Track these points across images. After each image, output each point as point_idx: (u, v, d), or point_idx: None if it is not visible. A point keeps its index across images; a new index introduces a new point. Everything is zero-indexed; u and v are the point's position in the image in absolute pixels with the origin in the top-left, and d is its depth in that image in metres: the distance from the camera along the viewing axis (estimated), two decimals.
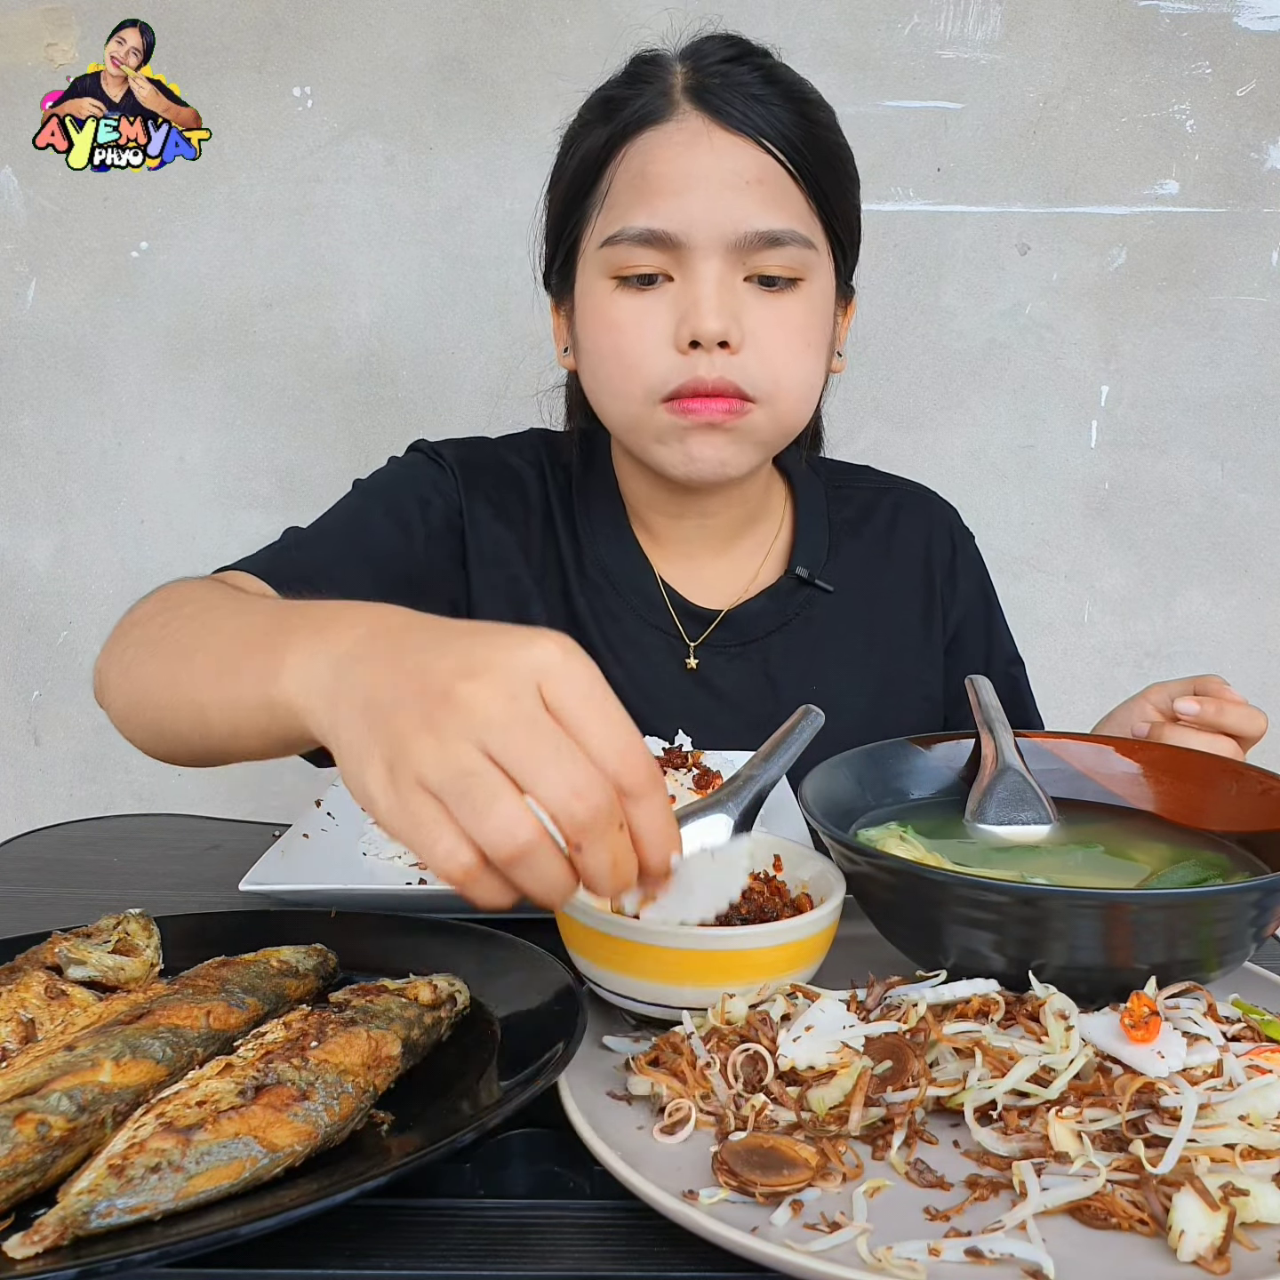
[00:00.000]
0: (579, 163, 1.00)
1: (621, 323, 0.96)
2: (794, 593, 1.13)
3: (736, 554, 1.14)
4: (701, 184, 0.92)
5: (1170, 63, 1.61)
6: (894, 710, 1.13)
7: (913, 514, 1.21)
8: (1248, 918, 0.60)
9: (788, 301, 0.96)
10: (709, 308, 0.92)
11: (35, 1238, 0.45)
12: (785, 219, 0.94)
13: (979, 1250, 0.45)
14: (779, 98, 0.95)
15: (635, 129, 0.95)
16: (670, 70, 0.97)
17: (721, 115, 0.93)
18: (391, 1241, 0.49)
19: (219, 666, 0.67)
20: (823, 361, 1.02)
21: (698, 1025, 0.59)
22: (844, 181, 1.01)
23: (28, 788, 1.83)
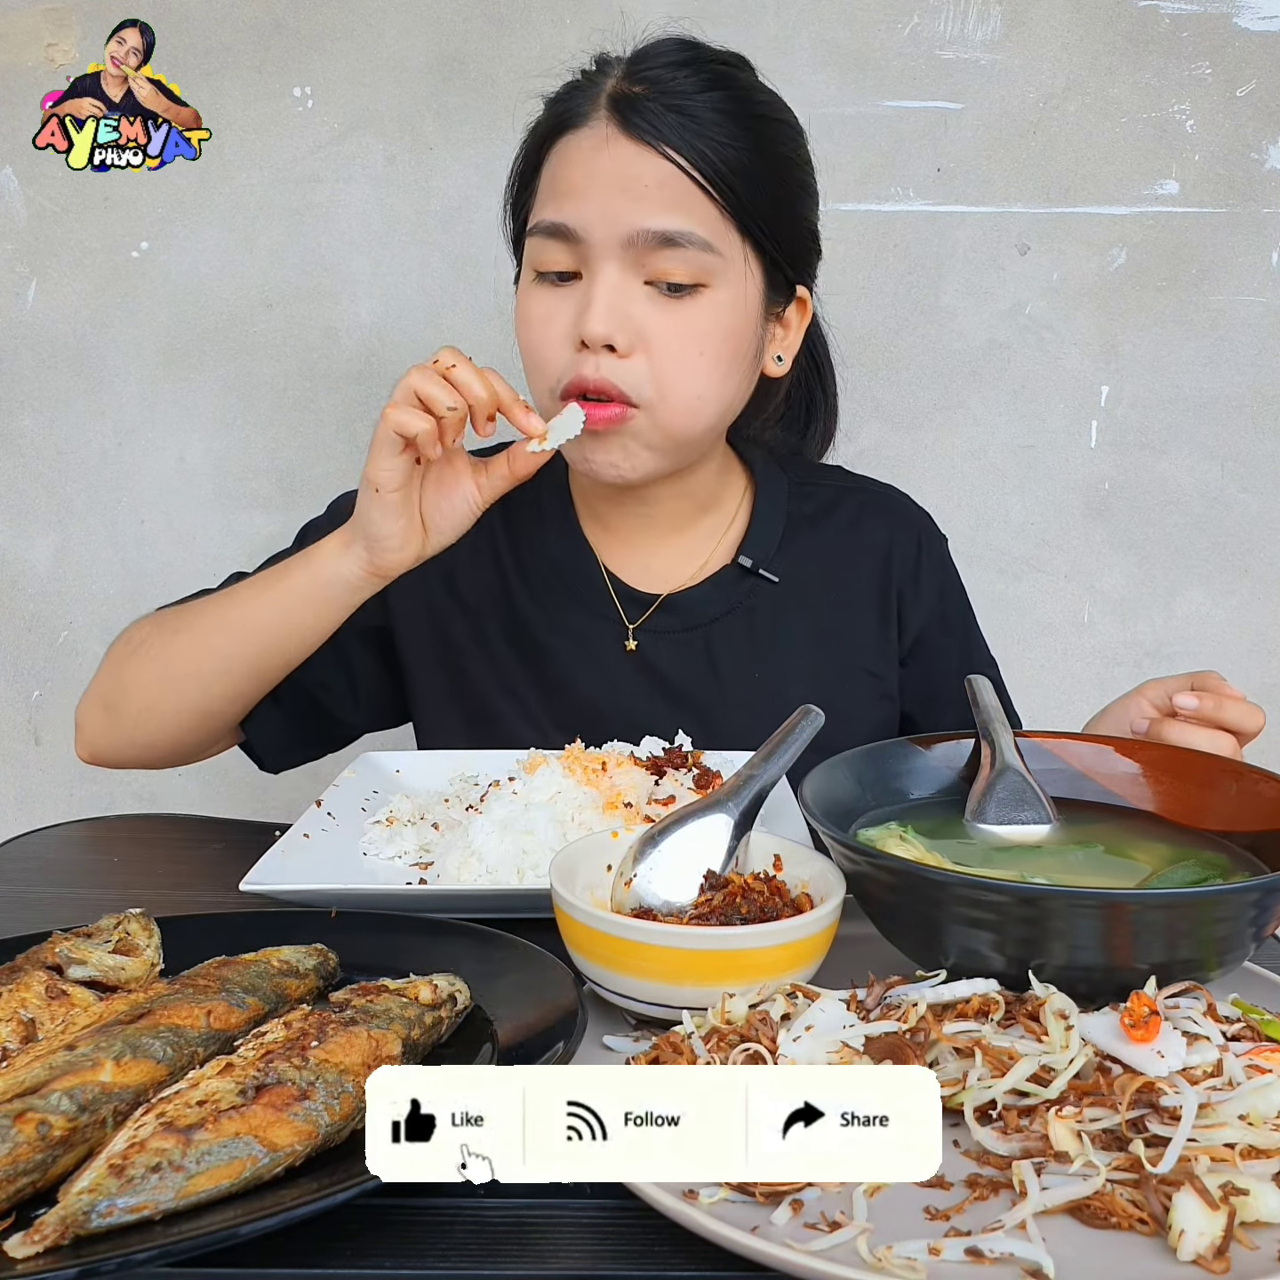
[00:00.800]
0: (524, 155, 1.06)
1: (532, 317, 1.01)
2: (738, 581, 1.15)
3: (684, 542, 1.16)
4: (601, 186, 0.96)
5: (1170, 63, 1.61)
6: (845, 703, 1.10)
7: (877, 514, 1.21)
8: (1247, 918, 0.60)
9: (686, 308, 0.98)
10: (596, 310, 0.95)
11: (36, 1237, 0.45)
12: (682, 221, 0.96)
13: (979, 1250, 0.45)
14: (707, 107, 0.97)
15: (560, 131, 1.00)
16: (608, 75, 1.00)
17: (628, 125, 0.96)
18: (391, 1241, 0.49)
19: (259, 588, 1.02)
20: (725, 369, 1.01)
21: (698, 1025, 0.59)
22: (781, 192, 1.02)
23: (28, 788, 1.83)
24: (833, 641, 1.16)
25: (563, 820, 0.85)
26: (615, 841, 0.72)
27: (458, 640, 1.14)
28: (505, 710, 1.13)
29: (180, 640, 1.04)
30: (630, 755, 0.96)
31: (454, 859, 0.83)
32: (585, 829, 0.84)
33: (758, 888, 0.66)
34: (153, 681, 1.05)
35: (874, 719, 1.17)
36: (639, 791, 0.90)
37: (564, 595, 1.14)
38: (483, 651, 1.14)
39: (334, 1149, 0.52)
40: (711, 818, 0.70)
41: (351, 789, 1.00)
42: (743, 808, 0.70)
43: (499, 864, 0.82)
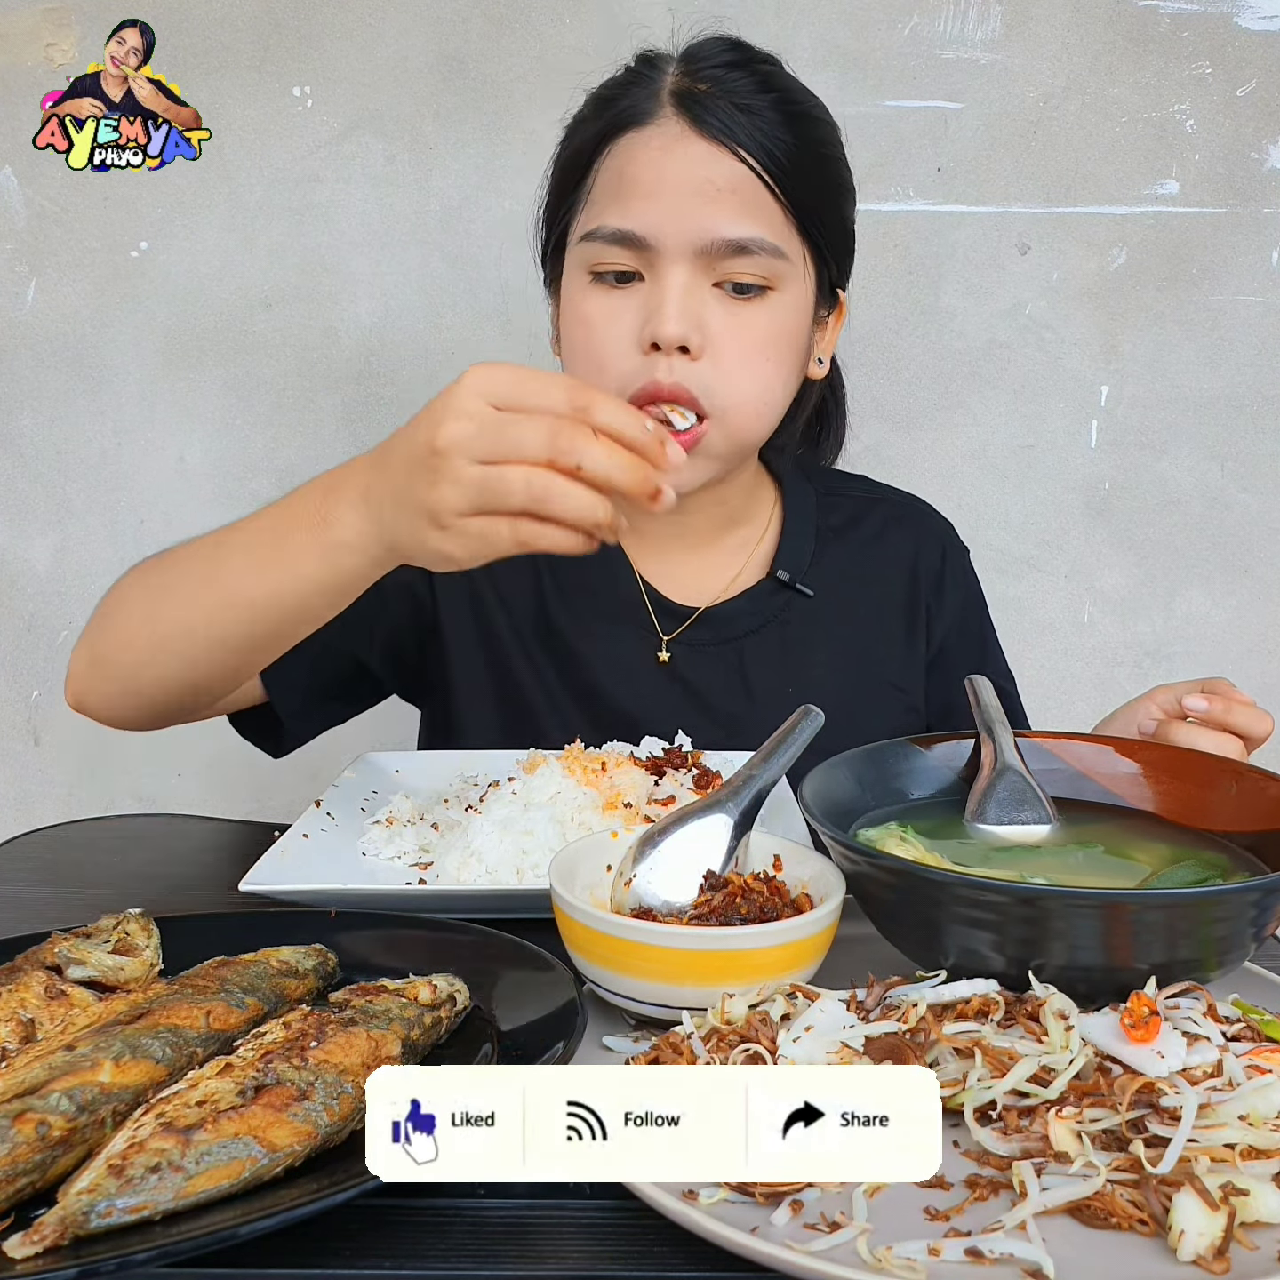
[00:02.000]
0: (570, 156, 1.03)
1: (592, 319, 0.98)
2: (774, 595, 1.13)
3: (717, 553, 1.15)
4: (673, 189, 0.94)
5: (1170, 63, 1.61)
6: (873, 717, 1.11)
7: (902, 525, 1.21)
8: (1248, 918, 0.60)
9: (754, 311, 0.97)
10: (671, 312, 0.94)
11: (35, 1237, 0.45)
12: (754, 228, 0.95)
13: (979, 1250, 0.45)
14: (769, 107, 0.96)
15: (620, 129, 0.97)
16: (664, 72, 0.98)
17: (700, 122, 0.94)
18: (391, 1241, 0.49)
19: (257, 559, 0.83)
20: (785, 373, 1.01)
21: (697, 1025, 0.59)
22: (831, 194, 1.01)
23: (28, 788, 1.83)
24: (861, 656, 1.15)
25: (562, 820, 0.85)
26: (615, 841, 0.72)
27: (500, 634, 1.12)
28: (541, 709, 1.11)
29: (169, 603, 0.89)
30: (630, 755, 0.96)
31: (454, 859, 0.83)
32: (585, 829, 0.84)
33: (758, 888, 0.66)
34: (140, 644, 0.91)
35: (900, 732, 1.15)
36: (639, 791, 0.90)
37: (595, 601, 1.12)
38: (520, 650, 1.12)
39: (333, 1149, 0.52)
40: (711, 818, 0.70)
41: (351, 789, 1.00)
42: (743, 808, 0.70)
43: (499, 864, 0.82)
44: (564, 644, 1.12)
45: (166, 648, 0.89)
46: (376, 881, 0.85)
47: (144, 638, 0.90)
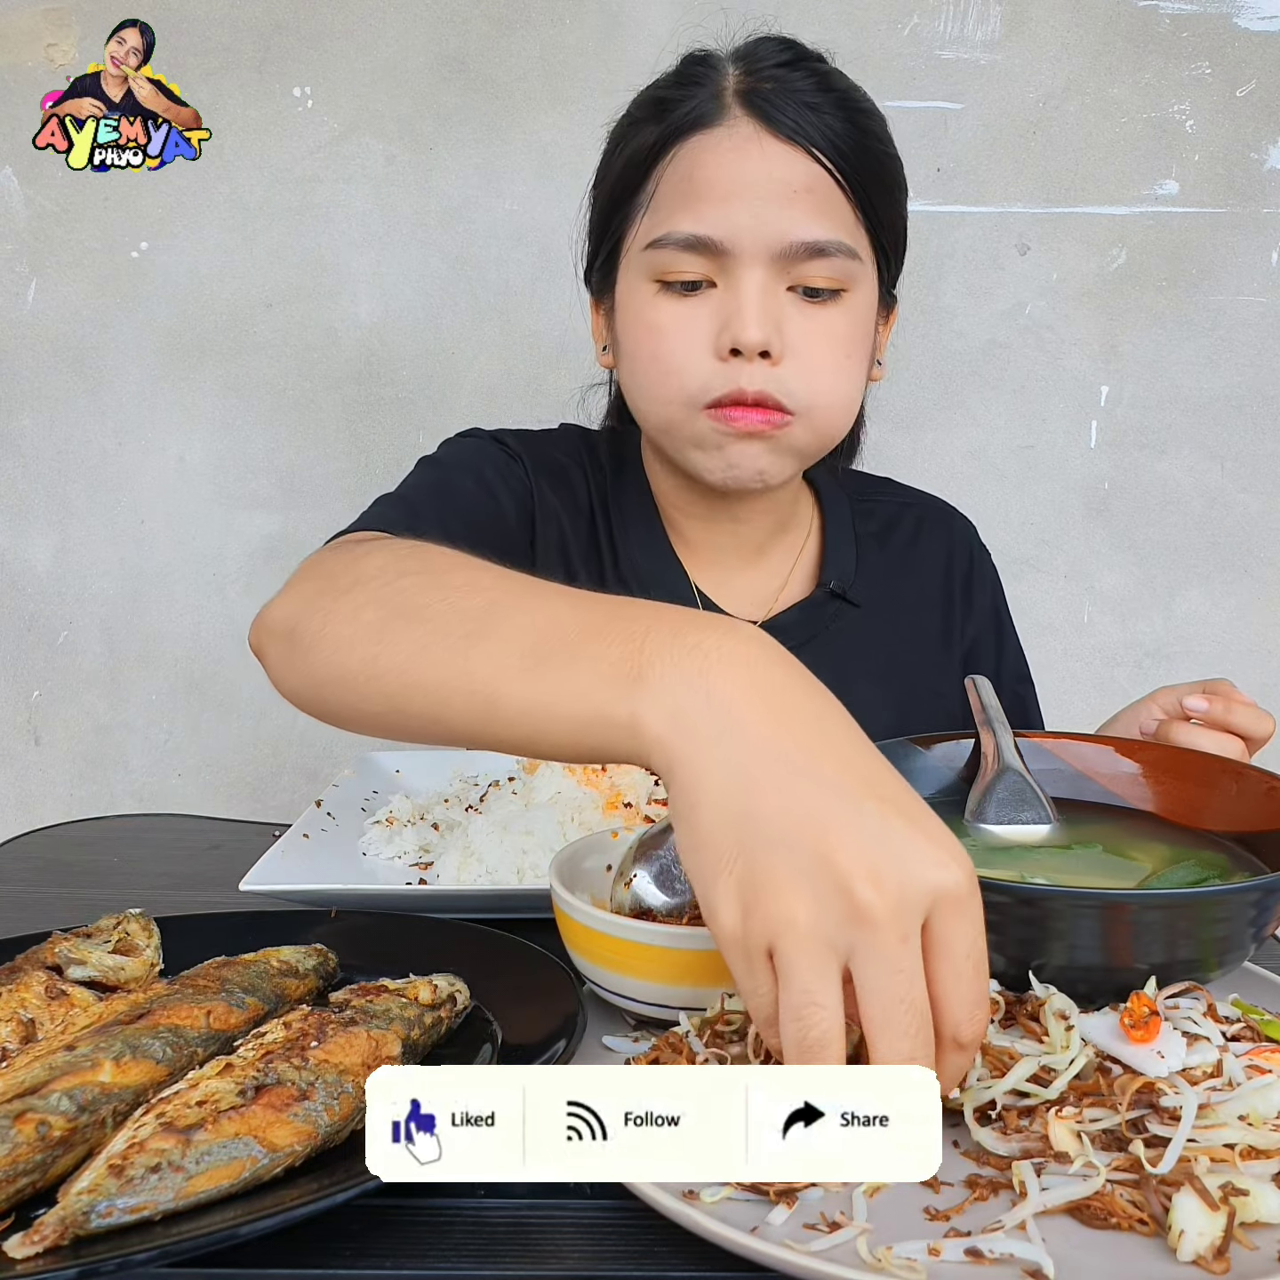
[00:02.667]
0: (626, 161, 0.98)
1: (663, 327, 0.95)
2: (824, 605, 1.12)
3: (767, 563, 1.14)
4: (749, 191, 0.91)
5: (1170, 63, 1.61)
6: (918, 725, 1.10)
7: (934, 528, 1.21)
8: (1247, 918, 0.60)
9: (830, 313, 0.95)
10: (751, 316, 0.91)
11: (35, 1237, 0.45)
12: (831, 230, 0.93)
13: (979, 1250, 0.45)
14: (832, 106, 0.94)
15: (685, 132, 0.94)
16: (723, 72, 0.95)
17: (773, 122, 0.92)
18: (391, 1241, 0.49)
19: (532, 659, 0.56)
20: (863, 373, 1.01)
21: (694, 1025, 0.59)
22: (893, 191, 1.00)
23: (28, 788, 1.83)
24: (904, 664, 1.14)
25: (563, 820, 0.85)
26: (615, 841, 0.72)
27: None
28: None
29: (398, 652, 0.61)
30: None
31: (454, 859, 0.83)
32: (585, 829, 0.84)
33: None
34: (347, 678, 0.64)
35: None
36: (639, 791, 0.90)
37: None
38: None
39: (334, 1149, 0.52)
40: None
41: (351, 789, 1.00)
42: None
43: (499, 864, 0.82)
44: None
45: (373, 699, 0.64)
46: (376, 881, 0.85)
47: (353, 673, 0.64)
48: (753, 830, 0.47)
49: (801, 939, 0.46)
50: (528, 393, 1.71)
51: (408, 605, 0.63)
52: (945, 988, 0.47)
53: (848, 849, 0.46)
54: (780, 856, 0.47)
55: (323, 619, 0.65)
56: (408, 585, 0.64)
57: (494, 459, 1.07)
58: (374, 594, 0.65)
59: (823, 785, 0.48)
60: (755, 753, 0.49)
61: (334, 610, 0.65)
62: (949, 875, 0.47)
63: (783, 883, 0.46)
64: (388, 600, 0.64)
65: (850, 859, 0.46)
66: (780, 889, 0.46)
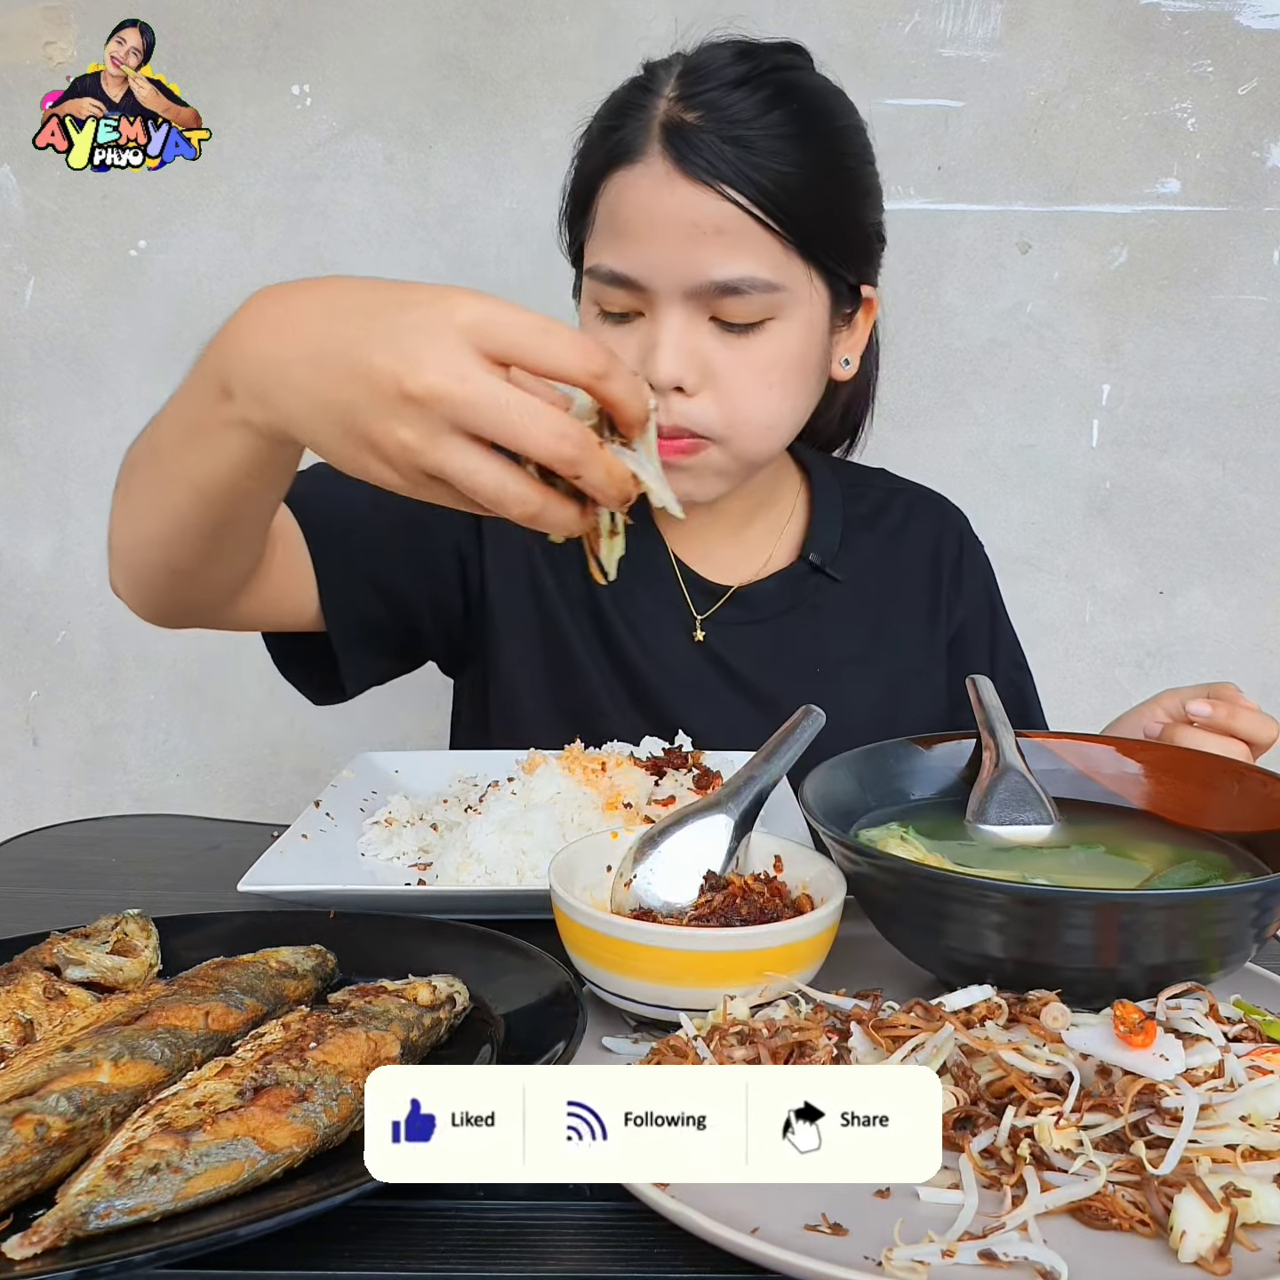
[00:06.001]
0: (576, 183, 1.03)
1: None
2: (805, 578, 1.17)
3: (749, 537, 1.17)
4: (662, 231, 0.94)
5: (1171, 61, 1.61)
6: (904, 702, 1.16)
7: (924, 514, 1.24)
8: (1249, 918, 0.60)
9: (754, 342, 0.97)
10: (662, 357, 0.95)
11: (34, 1239, 0.45)
12: (747, 268, 0.94)
13: (993, 1253, 0.45)
14: (768, 132, 0.93)
15: (613, 164, 0.97)
16: (657, 96, 0.96)
17: (685, 162, 0.92)
18: (391, 1241, 0.49)
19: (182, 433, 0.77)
20: (794, 395, 1.02)
21: (698, 1027, 0.58)
22: (845, 205, 1.00)
23: (26, 788, 1.83)
24: (887, 640, 1.18)
25: (562, 821, 0.85)
26: (615, 842, 0.72)
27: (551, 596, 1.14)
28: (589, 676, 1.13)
29: (135, 484, 0.88)
30: (630, 756, 0.96)
31: (453, 860, 0.83)
32: (585, 829, 0.84)
33: (758, 889, 0.66)
34: (123, 528, 0.88)
35: (926, 717, 1.18)
36: (639, 792, 0.90)
37: (635, 582, 1.13)
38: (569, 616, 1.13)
39: (332, 1150, 0.52)
40: (711, 818, 0.70)
41: (350, 789, 0.99)
42: (743, 808, 0.70)
43: (498, 865, 0.82)
44: (605, 620, 1.14)
45: (141, 531, 0.85)
46: (376, 882, 0.85)
47: (123, 519, 0.87)
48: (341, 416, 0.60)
49: (434, 457, 0.57)
50: None
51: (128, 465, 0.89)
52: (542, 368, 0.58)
53: (384, 370, 0.57)
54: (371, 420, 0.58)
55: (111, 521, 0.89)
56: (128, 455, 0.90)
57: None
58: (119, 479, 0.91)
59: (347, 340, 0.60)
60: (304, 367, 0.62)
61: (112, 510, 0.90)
62: (458, 313, 0.57)
63: (387, 435, 0.58)
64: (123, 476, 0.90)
65: (390, 375, 0.57)
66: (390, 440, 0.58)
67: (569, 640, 1.14)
